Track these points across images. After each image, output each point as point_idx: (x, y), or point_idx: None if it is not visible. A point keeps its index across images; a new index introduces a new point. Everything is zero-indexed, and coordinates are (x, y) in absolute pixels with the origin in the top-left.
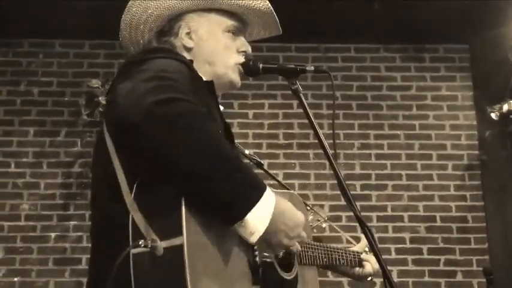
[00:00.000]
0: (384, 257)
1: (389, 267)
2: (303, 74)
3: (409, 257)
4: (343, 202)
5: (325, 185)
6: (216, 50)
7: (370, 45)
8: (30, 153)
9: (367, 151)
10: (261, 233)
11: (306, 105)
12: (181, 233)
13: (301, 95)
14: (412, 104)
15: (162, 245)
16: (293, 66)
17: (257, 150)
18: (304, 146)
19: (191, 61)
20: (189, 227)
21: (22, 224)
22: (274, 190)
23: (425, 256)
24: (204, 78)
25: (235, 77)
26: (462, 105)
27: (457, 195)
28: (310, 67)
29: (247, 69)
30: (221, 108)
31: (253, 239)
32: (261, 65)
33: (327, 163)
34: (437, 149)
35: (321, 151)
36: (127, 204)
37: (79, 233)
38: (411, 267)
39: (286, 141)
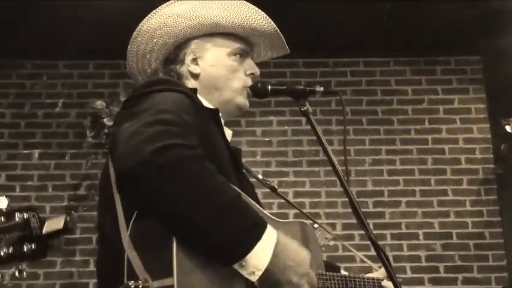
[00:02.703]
0: (399, 276)
1: (405, 287)
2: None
3: (426, 276)
4: (355, 220)
5: (337, 202)
6: (223, 75)
7: (379, 59)
8: (36, 176)
9: (379, 167)
10: (262, 271)
11: (317, 127)
12: (171, 274)
13: (311, 116)
14: (424, 118)
15: (154, 285)
16: (302, 87)
17: (266, 169)
18: (314, 163)
19: (195, 90)
20: (181, 267)
21: None
22: (284, 221)
23: (442, 274)
24: (211, 106)
25: (243, 101)
26: (476, 118)
27: (473, 210)
28: (320, 88)
29: (256, 91)
30: (230, 133)
31: (255, 277)
32: (269, 87)
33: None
34: (452, 164)
35: (331, 168)
36: (122, 240)
37: (85, 257)
38: (428, 286)
39: (296, 159)
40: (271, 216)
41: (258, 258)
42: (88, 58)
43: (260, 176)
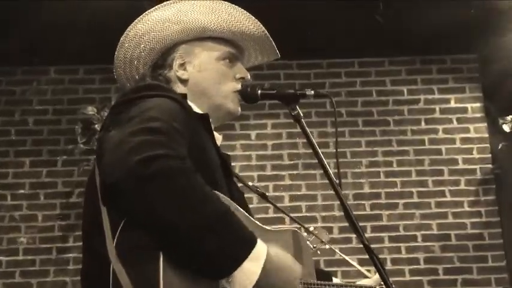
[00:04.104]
0: (398, 279)
1: None
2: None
3: (425, 278)
4: None
5: (333, 206)
6: (211, 80)
7: (374, 59)
8: (27, 184)
9: (376, 169)
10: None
11: (308, 131)
12: None
13: (303, 120)
14: (420, 118)
15: None
16: (292, 91)
17: (261, 173)
18: (310, 166)
19: (185, 96)
20: (168, 283)
21: (20, 259)
22: (275, 229)
23: (442, 276)
24: (201, 111)
25: (233, 106)
26: (472, 117)
27: (472, 211)
28: (310, 91)
29: (246, 96)
30: (219, 138)
31: None
32: (259, 91)
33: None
34: (449, 164)
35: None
36: (109, 252)
37: (79, 266)
38: None
39: (291, 162)
40: (262, 225)
41: (246, 275)
42: (78, 63)
43: (250, 183)
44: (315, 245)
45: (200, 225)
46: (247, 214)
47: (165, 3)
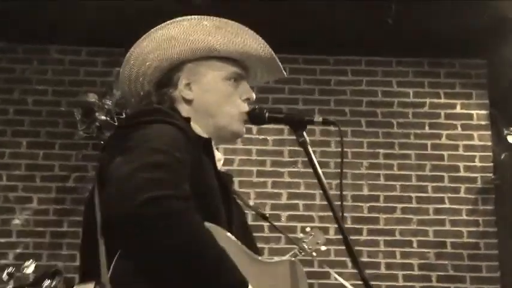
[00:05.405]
0: (390, 284)
1: None
2: (311, 125)
3: (417, 285)
4: (348, 224)
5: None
6: (217, 101)
7: (382, 58)
8: (23, 165)
9: (376, 171)
10: None
11: (314, 160)
12: None
13: (309, 147)
14: (424, 122)
15: None
16: (300, 116)
17: (261, 168)
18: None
19: (188, 119)
20: None
21: (13, 241)
22: (272, 261)
23: (434, 284)
24: (205, 132)
25: (238, 127)
26: (477, 124)
27: (469, 220)
28: (318, 118)
29: (253, 117)
30: (221, 158)
31: None
32: (267, 115)
33: (333, 183)
34: (450, 171)
35: (326, 170)
36: (101, 276)
37: (72, 251)
38: None
39: (292, 159)
40: (258, 258)
41: None
42: (81, 44)
43: (251, 202)
44: (310, 247)
45: (195, 268)
46: (244, 248)
47: (171, 21)
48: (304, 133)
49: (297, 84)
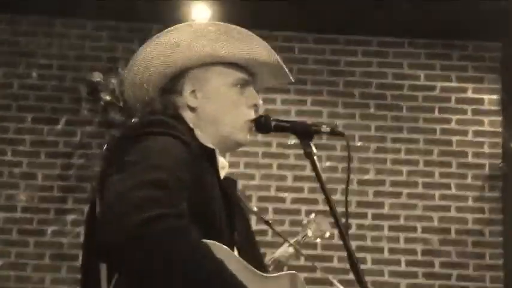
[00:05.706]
0: (393, 268)
1: (398, 280)
2: (318, 134)
3: (420, 270)
4: (353, 209)
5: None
6: (222, 109)
7: (394, 39)
8: (28, 141)
9: (383, 155)
10: None
11: (320, 171)
12: None
13: (316, 158)
14: (434, 106)
15: None
16: (307, 126)
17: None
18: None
19: (191, 129)
20: None
21: (18, 216)
22: (273, 275)
23: (437, 269)
24: (209, 140)
25: (242, 136)
26: (488, 109)
27: (475, 207)
28: (326, 128)
29: (259, 126)
30: (225, 166)
31: None
32: (273, 123)
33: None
34: (458, 157)
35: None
36: None
37: (77, 229)
38: (422, 280)
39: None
40: (259, 272)
41: None
42: (86, 17)
43: (255, 208)
44: (315, 233)
45: (195, 284)
46: (245, 263)
47: (175, 26)
48: (311, 143)
49: (306, 64)
